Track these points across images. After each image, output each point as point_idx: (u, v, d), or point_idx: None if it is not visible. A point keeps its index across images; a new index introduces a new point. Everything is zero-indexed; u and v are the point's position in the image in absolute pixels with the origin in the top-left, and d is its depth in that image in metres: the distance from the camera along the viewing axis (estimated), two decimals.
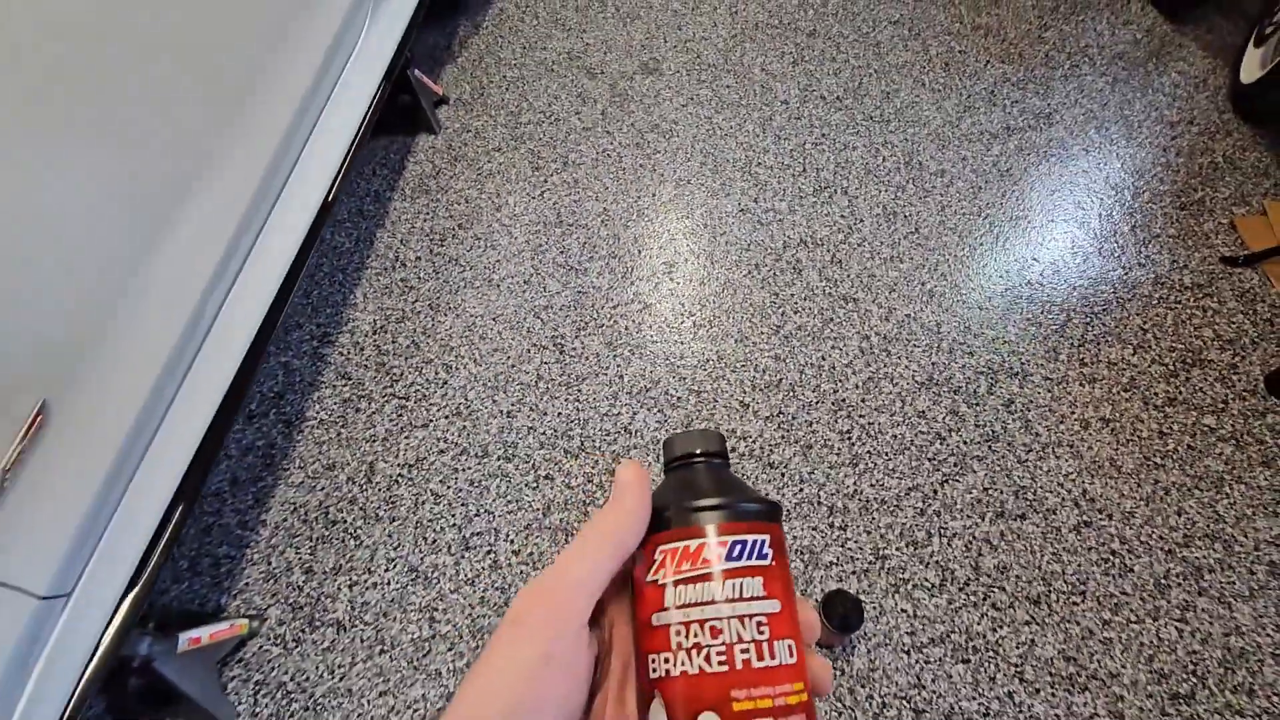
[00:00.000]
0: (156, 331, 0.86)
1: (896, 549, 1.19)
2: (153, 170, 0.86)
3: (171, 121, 0.88)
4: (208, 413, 0.94)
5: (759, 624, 0.29)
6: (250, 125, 1.01)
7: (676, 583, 0.29)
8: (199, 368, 0.93)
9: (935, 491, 1.25)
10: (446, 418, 1.35)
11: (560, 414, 1.35)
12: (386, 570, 1.17)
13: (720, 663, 0.28)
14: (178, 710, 1.04)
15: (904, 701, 1.04)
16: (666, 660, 0.29)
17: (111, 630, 0.83)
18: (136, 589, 0.86)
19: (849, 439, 1.32)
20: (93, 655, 0.80)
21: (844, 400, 1.37)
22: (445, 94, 1.91)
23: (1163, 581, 1.15)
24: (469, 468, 1.28)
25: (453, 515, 1.23)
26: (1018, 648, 1.09)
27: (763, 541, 0.30)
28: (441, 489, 1.26)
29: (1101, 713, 1.03)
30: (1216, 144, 1.78)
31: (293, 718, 1.04)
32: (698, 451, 0.34)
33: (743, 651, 0.28)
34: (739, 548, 0.30)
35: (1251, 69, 1.80)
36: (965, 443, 1.31)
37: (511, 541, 1.20)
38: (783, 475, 1.27)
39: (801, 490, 1.25)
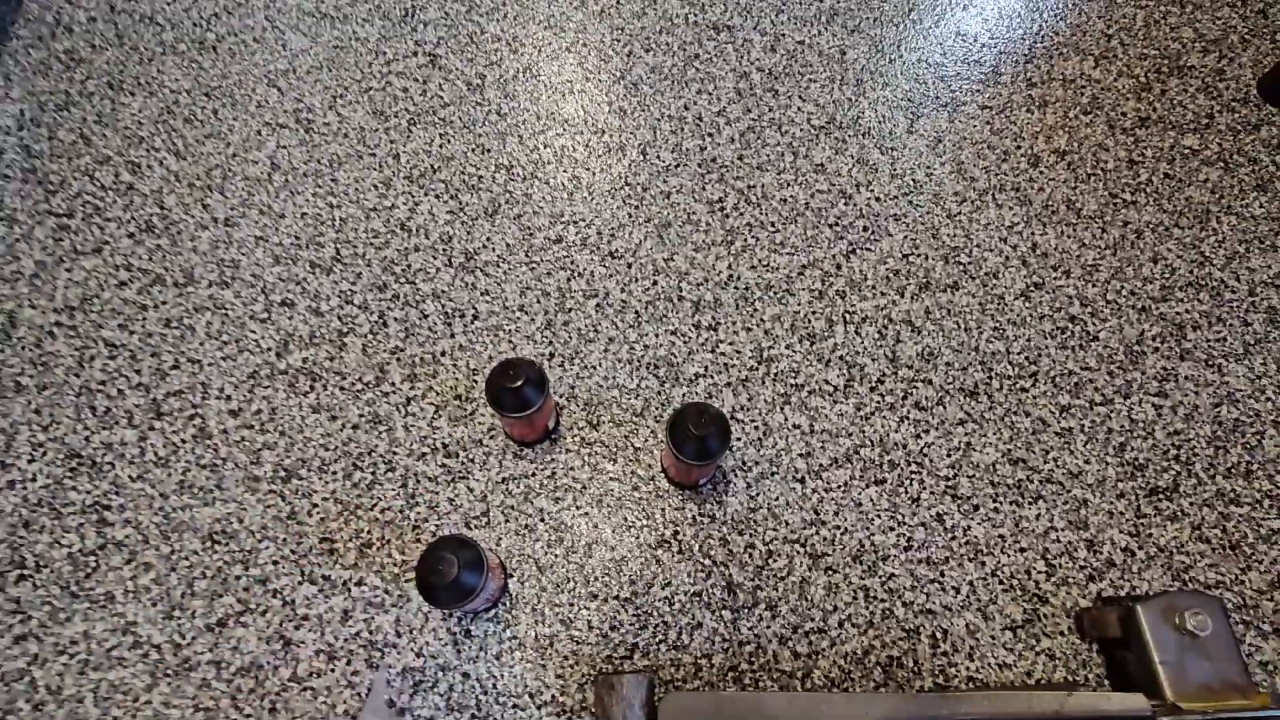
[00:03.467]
0: None
1: (787, 346, 0.85)
2: None
3: None
4: None
5: None
6: None
7: None
8: None
9: (839, 266, 0.90)
10: (131, 236, 0.90)
11: (305, 214, 0.92)
12: (31, 461, 0.77)
13: None
14: None
15: (797, 545, 0.74)
16: None
17: None
18: None
19: (721, 210, 0.94)
20: None
21: (714, 160, 0.97)
22: None
23: (1135, 348, 0.85)
24: (164, 302, 0.86)
25: (137, 372, 0.82)
26: (949, 455, 0.79)
27: None
28: (120, 336, 0.84)
29: (1059, 525, 0.76)
30: None
31: None
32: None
33: None
34: None
35: None
36: (878, 199, 0.95)
37: (229, 398, 0.81)
38: (629, 267, 0.89)
39: (656, 284, 0.88)
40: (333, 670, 0.68)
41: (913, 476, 0.78)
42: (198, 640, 0.69)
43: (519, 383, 0.66)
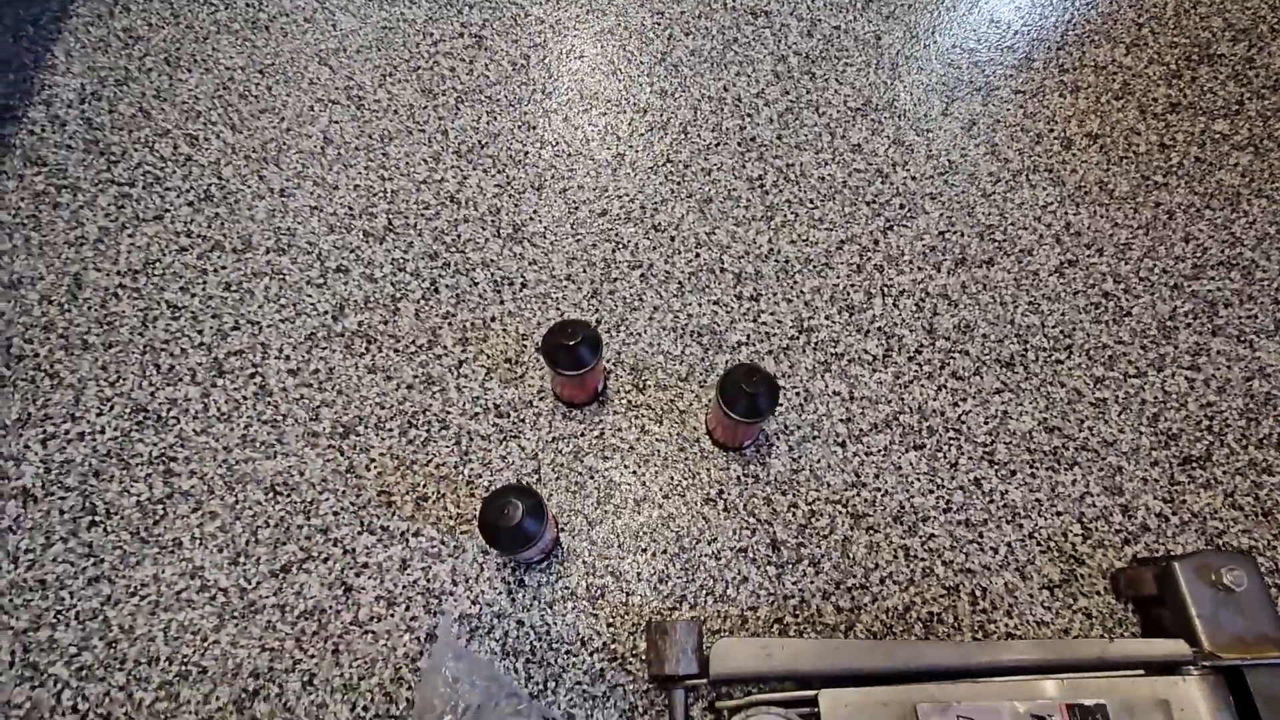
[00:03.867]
0: None
1: (826, 317, 0.87)
2: None
3: None
4: None
5: None
6: None
7: None
8: None
9: (876, 242, 0.92)
10: (191, 205, 0.93)
11: (358, 186, 0.95)
12: (99, 414, 0.80)
13: None
14: None
15: (838, 506, 0.77)
16: None
17: None
18: None
19: (761, 186, 0.96)
20: None
21: (754, 139, 1.00)
22: None
23: (1168, 323, 0.87)
24: (224, 267, 0.89)
25: (199, 332, 0.85)
26: (986, 423, 0.81)
27: None
28: (182, 299, 0.87)
29: (1094, 490, 0.78)
30: None
31: None
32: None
33: None
34: None
35: None
36: (914, 178, 0.97)
37: (287, 358, 0.83)
38: (672, 240, 0.92)
39: (699, 256, 0.91)
40: (392, 615, 0.71)
41: (951, 442, 0.80)
42: (262, 585, 0.72)
43: (575, 341, 0.69)
